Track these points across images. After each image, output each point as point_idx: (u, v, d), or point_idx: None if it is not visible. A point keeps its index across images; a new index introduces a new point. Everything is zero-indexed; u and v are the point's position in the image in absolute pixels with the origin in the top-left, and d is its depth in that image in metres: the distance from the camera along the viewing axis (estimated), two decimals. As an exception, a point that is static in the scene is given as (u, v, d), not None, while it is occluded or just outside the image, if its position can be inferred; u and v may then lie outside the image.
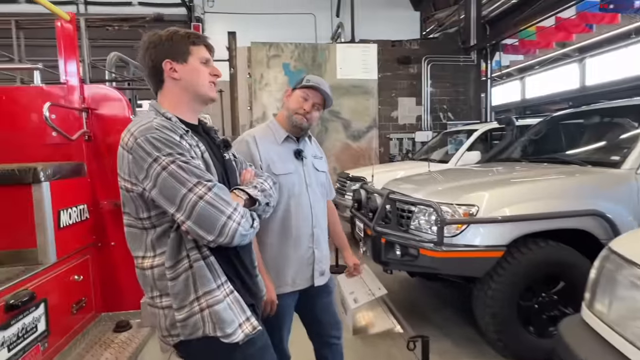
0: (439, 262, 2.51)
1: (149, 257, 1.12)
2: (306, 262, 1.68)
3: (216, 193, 1.03)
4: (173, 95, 1.18)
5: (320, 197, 1.75)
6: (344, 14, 10.52)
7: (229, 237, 1.02)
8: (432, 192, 2.89)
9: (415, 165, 5.79)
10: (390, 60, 9.13)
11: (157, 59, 1.15)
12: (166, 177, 1.01)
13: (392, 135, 9.33)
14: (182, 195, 1.01)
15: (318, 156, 1.80)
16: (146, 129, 1.05)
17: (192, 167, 1.03)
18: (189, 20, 11.02)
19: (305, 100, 1.64)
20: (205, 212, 1.01)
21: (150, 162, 1.02)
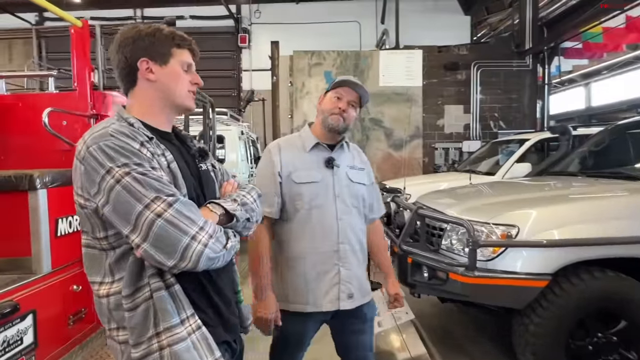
0: (470, 288, 2.20)
1: (107, 283, 0.97)
2: (329, 281, 1.51)
3: (178, 210, 0.88)
4: (145, 98, 1.05)
5: (353, 210, 1.57)
6: (389, 21, 10.27)
7: (192, 261, 0.87)
8: (467, 209, 2.58)
9: (460, 177, 5.39)
10: (437, 66, 8.73)
11: (133, 56, 1.02)
12: (119, 191, 0.87)
13: (437, 145, 8.89)
14: (137, 213, 0.86)
15: (357, 167, 1.63)
16: (100, 136, 0.92)
17: (151, 180, 0.89)
18: (237, 31, 11.32)
19: (339, 99, 1.53)
20: (164, 233, 0.86)
21: (102, 174, 0.89)
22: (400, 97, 8.57)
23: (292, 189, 1.52)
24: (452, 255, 2.46)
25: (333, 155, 1.57)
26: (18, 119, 2.04)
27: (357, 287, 1.55)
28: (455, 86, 8.74)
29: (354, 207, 1.57)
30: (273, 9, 11.26)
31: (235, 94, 11.39)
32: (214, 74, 11.24)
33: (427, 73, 8.66)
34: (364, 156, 1.73)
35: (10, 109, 2.09)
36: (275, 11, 11.26)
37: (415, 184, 5.47)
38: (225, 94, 11.13)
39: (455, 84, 8.74)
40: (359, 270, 1.59)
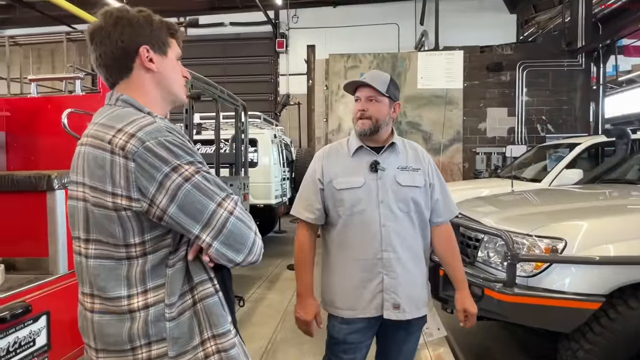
0: (509, 307, 1.98)
1: (138, 294, 0.86)
2: (374, 289, 1.45)
3: (241, 207, 0.90)
4: (144, 88, 0.95)
5: (401, 216, 1.46)
6: (429, 22, 9.97)
7: (256, 254, 0.89)
8: (506, 218, 2.35)
9: (503, 184, 5.04)
10: (478, 67, 8.33)
11: (132, 41, 0.92)
12: (190, 189, 0.84)
13: (478, 149, 8.46)
14: (212, 211, 0.85)
15: (410, 168, 1.50)
16: (157, 130, 0.84)
17: (215, 178, 0.89)
18: (274, 37, 11.44)
19: (357, 102, 1.50)
20: (236, 230, 0.86)
21: (166, 172, 0.83)
22: (439, 100, 8.26)
23: (334, 195, 1.48)
24: (489, 269, 2.25)
25: (380, 158, 1.48)
26: (47, 121, 2.08)
27: (405, 298, 1.44)
28: (499, 88, 8.29)
29: (402, 213, 1.46)
30: (311, 13, 11.29)
31: (272, 98, 11.50)
32: (252, 78, 11.43)
33: (469, 74, 8.29)
34: (422, 154, 1.57)
35: (39, 111, 2.15)
36: (313, 15, 11.28)
37: (454, 190, 5.15)
38: (262, 98, 11.26)
39: (499, 86, 8.29)
40: (410, 280, 1.46)
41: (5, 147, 2.20)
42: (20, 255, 1.75)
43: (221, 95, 3.95)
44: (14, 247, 1.75)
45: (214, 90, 3.77)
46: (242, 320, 3.45)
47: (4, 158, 2.19)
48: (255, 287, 4.45)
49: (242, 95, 4.92)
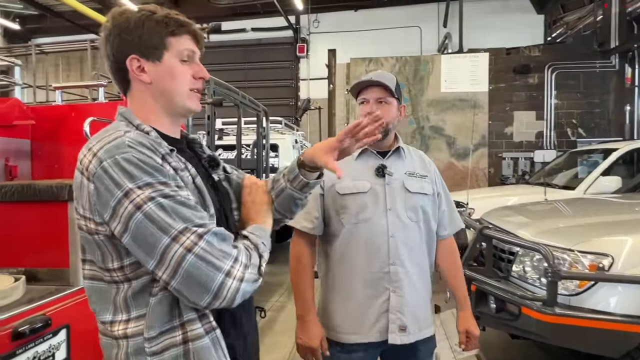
0: (549, 328, 1.84)
1: (120, 321, 0.81)
2: (378, 308, 1.31)
3: (209, 242, 0.74)
4: (144, 100, 0.88)
5: (411, 226, 1.35)
6: (452, 24, 9.78)
7: (227, 299, 0.76)
8: (544, 231, 2.20)
9: (532, 191, 4.85)
10: (504, 70, 8.08)
11: (121, 52, 0.84)
12: (141, 220, 0.73)
13: (504, 154, 8.20)
14: (164, 247, 0.73)
15: (418, 174, 1.40)
16: (115, 147, 0.76)
17: (177, 205, 0.75)
18: (295, 41, 11.45)
19: (364, 104, 1.36)
20: (195, 271, 0.73)
21: (119, 198, 0.73)
22: (463, 104, 8.05)
23: (337, 201, 1.34)
24: (525, 285, 2.11)
25: (386, 162, 1.37)
26: (71, 129, 2.08)
27: (411, 318, 1.32)
28: (526, 90, 8.02)
29: (411, 222, 1.35)
30: (331, 17, 11.25)
31: (292, 103, 11.50)
32: (273, 83, 11.47)
33: (494, 77, 8.05)
34: (428, 161, 1.49)
35: (64, 119, 2.15)
36: (334, 20, 11.23)
37: (480, 197, 5.00)
38: (282, 103, 11.27)
39: (526, 88, 8.02)
40: (416, 298, 1.35)
41: (31, 156, 2.21)
42: (42, 266, 1.73)
43: (243, 101, 3.92)
44: (36, 257, 1.74)
45: (235, 96, 3.75)
46: (264, 328, 3.40)
47: (29, 166, 2.20)
48: (277, 296, 4.40)
49: (263, 100, 4.90)
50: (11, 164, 2.08)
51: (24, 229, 1.73)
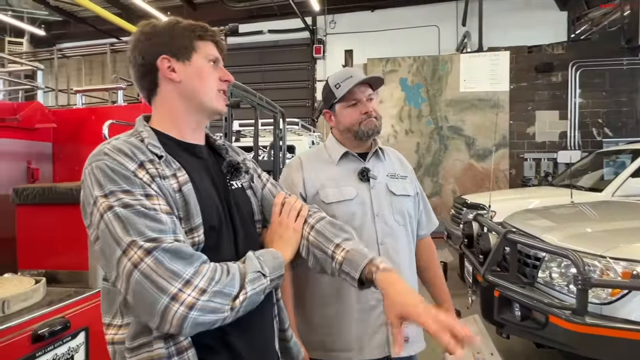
0: (579, 338, 1.76)
1: (114, 326, 0.81)
2: (374, 322, 1.22)
3: (157, 259, 0.69)
4: (166, 103, 0.88)
5: (398, 229, 1.29)
6: (471, 23, 9.59)
7: (174, 326, 0.68)
8: (572, 236, 2.11)
9: (556, 193, 4.70)
10: (526, 68, 7.89)
11: (150, 55, 0.86)
12: (103, 229, 0.72)
13: (526, 155, 8.00)
14: (117, 259, 0.70)
15: (399, 175, 1.35)
16: (94, 155, 0.78)
17: (133, 216, 0.71)
18: (312, 43, 11.45)
19: (357, 105, 1.27)
20: (141, 289, 0.68)
21: (91, 205, 0.74)
22: (483, 104, 7.90)
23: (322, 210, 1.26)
24: (552, 292, 2.02)
25: (367, 165, 1.30)
26: (91, 131, 2.10)
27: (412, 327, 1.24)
28: (549, 89, 7.81)
29: (399, 226, 1.29)
30: (348, 18, 11.20)
31: (309, 104, 11.49)
32: (289, 85, 11.50)
33: (515, 76, 7.87)
34: (405, 161, 1.44)
35: (84, 122, 2.17)
36: (351, 20, 11.17)
37: (502, 200, 4.88)
38: (299, 104, 11.27)
39: (549, 87, 7.81)
40: None
41: (52, 158, 2.24)
42: (62, 268, 1.74)
43: (260, 103, 3.91)
44: (56, 259, 1.75)
45: (252, 98, 3.74)
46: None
47: (51, 169, 2.24)
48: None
49: (280, 102, 4.89)
50: (33, 167, 2.11)
51: (45, 231, 1.75)
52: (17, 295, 1.42)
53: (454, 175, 8.14)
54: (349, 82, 1.24)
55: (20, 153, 2.08)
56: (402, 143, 8.16)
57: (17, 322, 1.33)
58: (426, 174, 8.09)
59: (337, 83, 1.27)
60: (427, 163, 8.15)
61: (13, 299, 1.40)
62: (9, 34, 11.43)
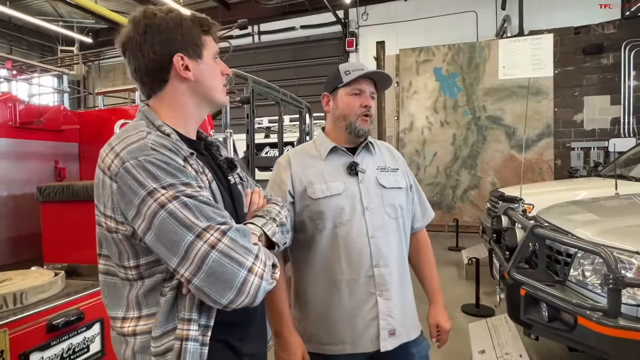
0: (611, 343, 1.60)
1: (131, 318, 0.83)
2: (366, 315, 1.21)
3: (233, 238, 0.75)
4: (177, 100, 0.89)
5: (390, 223, 1.26)
6: (511, 6, 9.07)
7: (250, 296, 0.75)
8: (607, 230, 1.93)
9: (603, 184, 4.34)
10: (572, 51, 7.36)
11: (165, 51, 0.85)
12: (165, 217, 0.74)
13: (574, 144, 7.49)
14: (188, 244, 0.73)
15: (389, 168, 1.33)
16: (138, 149, 0.78)
17: (201, 204, 0.76)
18: (344, 36, 11.34)
19: (359, 95, 1.27)
20: (219, 267, 0.73)
21: (143, 196, 0.75)
22: (524, 91, 7.44)
23: (310, 206, 1.24)
24: (584, 291, 1.86)
25: (356, 159, 1.29)
26: (112, 131, 2.18)
27: (400, 320, 1.23)
28: (599, 73, 7.24)
29: (390, 219, 1.26)
30: (381, 9, 10.98)
31: (342, 99, 11.43)
32: (322, 80, 11.44)
33: (560, 60, 7.36)
34: (396, 153, 1.41)
35: (106, 122, 2.27)
36: (383, 11, 10.95)
37: (543, 192, 4.59)
38: (332, 99, 11.23)
39: (599, 70, 7.24)
40: (403, 299, 1.27)
41: (79, 158, 2.36)
42: (83, 262, 1.83)
43: (284, 98, 3.92)
44: (77, 254, 1.84)
45: (275, 94, 3.76)
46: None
47: (77, 168, 2.36)
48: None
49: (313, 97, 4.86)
50: (60, 166, 2.24)
51: (66, 227, 1.85)
52: (35, 287, 1.51)
53: (493, 167, 7.77)
54: (360, 72, 1.25)
55: (47, 154, 2.21)
56: (437, 135, 7.89)
57: (32, 312, 1.41)
58: (463, 166, 7.78)
59: (348, 70, 1.27)
60: (464, 155, 7.83)
61: (31, 290, 1.49)
62: (61, 43, 12.26)
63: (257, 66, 11.14)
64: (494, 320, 2.95)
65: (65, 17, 11.91)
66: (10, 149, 2.00)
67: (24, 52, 12.03)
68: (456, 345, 2.98)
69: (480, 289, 3.66)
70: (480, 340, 2.64)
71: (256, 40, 12.23)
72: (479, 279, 3.69)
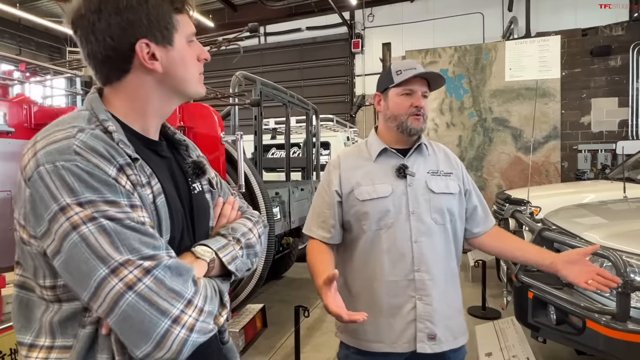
0: (621, 347, 1.61)
1: (42, 347, 0.68)
2: (405, 317, 1.23)
3: (159, 279, 0.61)
4: (137, 93, 0.73)
5: (436, 229, 1.26)
6: (518, 8, 9.05)
7: (171, 351, 0.61)
8: (617, 234, 1.93)
9: (610, 187, 4.32)
10: (580, 53, 7.32)
11: (124, 36, 0.69)
12: (77, 242, 0.60)
13: (581, 147, 7.44)
14: (100, 279, 0.59)
15: (442, 172, 1.31)
16: (58, 151, 0.62)
17: (125, 229, 0.62)
18: (350, 37, 11.36)
19: (411, 95, 1.25)
20: (135, 314, 0.59)
21: (54, 211, 0.61)
22: (531, 93, 7.42)
23: (356, 207, 1.27)
24: (593, 295, 1.86)
25: (407, 162, 1.28)
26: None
27: (442, 326, 1.23)
28: (607, 75, 7.20)
29: (437, 225, 1.26)
30: (387, 10, 10.99)
31: (347, 100, 11.44)
32: (328, 81, 11.50)
33: (568, 62, 7.33)
34: (452, 156, 1.38)
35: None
36: (389, 13, 10.96)
37: (550, 195, 4.57)
38: (338, 100, 11.25)
39: (607, 72, 7.20)
40: (446, 305, 1.26)
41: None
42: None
43: (291, 100, 3.95)
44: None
45: (283, 95, 3.78)
46: (310, 329, 3.39)
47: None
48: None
49: (319, 98, 4.91)
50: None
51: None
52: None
53: (499, 170, 7.75)
54: (412, 72, 1.24)
55: (61, 154, 2.24)
56: (443, 137, 7.88)
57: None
58: (469, 168, 7.76)
59: (399, 70, 1.26)
60: (470, 157, 7.82)
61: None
62: (70, 44, 12.38)
63: (263, 67, 11.19)
64: (501, 323, 2.95)
65: (73, 18, 12.04)
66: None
67: (33, 53, 12.15)
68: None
69: (486, 292, 3.66)
70: (487, 343, 2.65)
71: (262, 42, 12.27)
72: (485, 281, 3.69)
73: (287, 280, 4.85)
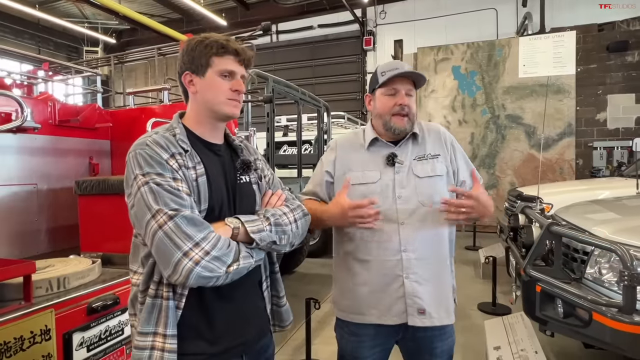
0: (627, 339, 1.63)
1: (138, 273, 1.04)
2: (393, 293, 1.31)
3: (177, 223, 0.90)
4: (193, 107, 1.11)
5: (423, 209, 1.31)
6: (533, 3, 8.93)
7: (182, 276, 0.89)
8: (626, 229, 1.94)
9: (625, 184, 4.27)
10: (596, 48, 7.21)
11: (180, 69, 1.10)
12: (139, 198, 0.94)
13: (596, 144, 7.34)
14: (147, 221, 0.92)
15: (429, 155, 1.36)
16: (138, 144, 1.01)
17: (164, 191, 0.93)
18: (362, 35, 11.35)
19: (394, 95, 1.33)
20: (162, 245, 0.90)
21: (132, 179, 0.97)
22: (545, 89, 7.33)
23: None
24: (600, 288, 1.88)
25: (397, 150, 1.36)
26: (141, 129, 2.29)
27: (430, 303, 1.29)
28: (623, 70, 7.08)
29: (424, 207, 1.31)
30: (399, 7, 10.94)
31: (359, 97, 11.45)
32: (340, 78, 11.52)
33: (583, 58, 7.23)
34: (444, 135, 1.41)
35: (136, 120, 2.38)
36: (401, 9, 10.90)
37: (563, 192, 4.55)
38: (349, 97, 11.27)
39: (623, 68, 7.08)
40: (434, 284, 1.31)
41: (110, 154, 2.50)
42: (117, 252, 1.95)
43: (302, 97, 4.00)
44: (112, 244, 1.96)
45: (294, 93, 3.84)
46: (320, 322, 3.45)
47: (109, 164, 2.49)
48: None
49: (330, 96, 4.95)
50: (94, 162, 2.37)
51: (102, 218, 1.97)
52: (76, 273, 1.63)
53: (512, 167, 7.70)
54: (394, 72, 1.31)
55: (83, 150, 2.34)
56: (455, 134, 7.65)
57: (75, 295, 1.53)
58: (481, 165, 7.72)
59: (384, 71, 1.34)
60: (482, 154, 7.78)
61: (72, 276, 1.61)
62: (86, 44, 12.66)
63: (275, 65, 11.26)
64: (510, 318, 2.96)
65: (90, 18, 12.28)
66: (50, 146, 2.14)
67: (51, 53, 12.46)
68: (472, 341, 3.01)
69: (497, 288, 3.67)
70: (496, 337, 2.67)
71: (274, 40, 12.34)
72: (495, 277, 3.70)
73: (298, 275, 4.93)
